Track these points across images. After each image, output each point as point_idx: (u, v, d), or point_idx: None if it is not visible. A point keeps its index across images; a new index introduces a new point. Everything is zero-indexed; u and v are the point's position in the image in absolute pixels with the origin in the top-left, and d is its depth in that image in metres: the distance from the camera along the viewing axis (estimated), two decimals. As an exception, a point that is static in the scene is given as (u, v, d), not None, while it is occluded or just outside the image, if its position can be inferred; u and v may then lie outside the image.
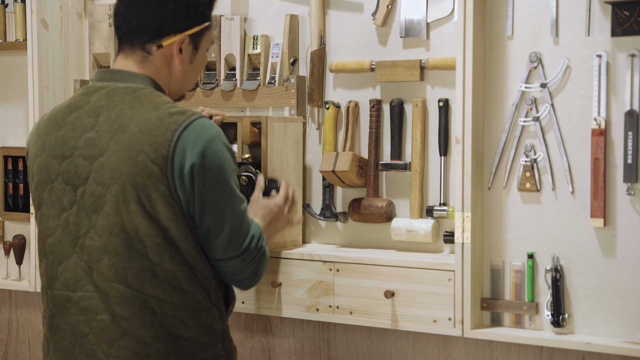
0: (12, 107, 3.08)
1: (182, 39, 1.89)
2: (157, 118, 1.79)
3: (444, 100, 2.40)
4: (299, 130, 2.57)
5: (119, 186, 1.78)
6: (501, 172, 2.30)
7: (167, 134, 1.78)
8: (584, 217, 2.20)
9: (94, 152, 1.81)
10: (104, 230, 1.81)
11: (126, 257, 1.80)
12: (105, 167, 1.80)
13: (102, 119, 1.82)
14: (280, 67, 2.61)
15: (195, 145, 1.79)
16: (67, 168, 1.84)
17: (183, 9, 1.88)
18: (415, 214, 2.43)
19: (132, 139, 1.78)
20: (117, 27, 1.91)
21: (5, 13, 3.01)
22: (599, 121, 2.16)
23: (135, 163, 1.78)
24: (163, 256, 1.81)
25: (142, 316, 1.82)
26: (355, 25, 2.53)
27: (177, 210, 1.80)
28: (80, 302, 1.84)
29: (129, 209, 1.79)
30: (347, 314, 2.36)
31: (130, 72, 1.89)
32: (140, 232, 1.79)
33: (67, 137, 1.85)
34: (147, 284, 1.81)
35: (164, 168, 1.78)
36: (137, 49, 1.89)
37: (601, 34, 2.17)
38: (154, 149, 1.77)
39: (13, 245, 2.98)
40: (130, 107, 1.82)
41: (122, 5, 1.89)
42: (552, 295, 2.21)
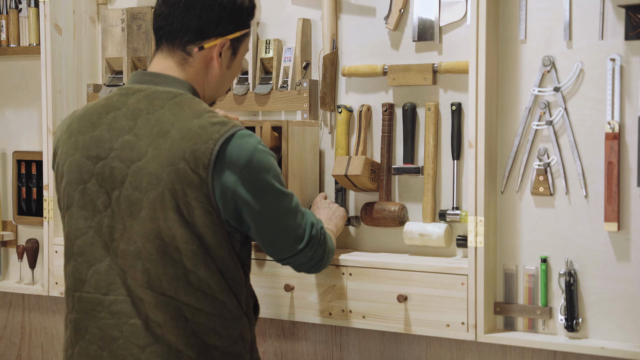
0: (25, 111, 3.09)
1: (223, 42, 1.90)
2: (199, 126, 1.78)
3: (457, 104, 2.40)
4: (315, 134, 2.58)
5: (158, 192, 1.77)
6: (514, 176, 2.30)
7: (209, 143, 1.77)
8: (598, 221, 2.19)
9: (131, 155, 1.80)
10: (139, 235, 1.79)
11: (161, 264, 1.79)
12: (143, 172, 1.78)
13: (140, 122, 1.81)
14: (292, 71, 2.61)
15: (239, 159, 1.79)
16: (102, 170, 1.82)
17: (227, 13, 1.89)
18: (428, 218, 2.42)
19: (173, 145, 1.77)
20: (159, 27, 1.90)
21: (18, 18, 3.02)
22: (612, 125, 2.15)
23: (176, 170, 1.76)
24: (198, 264, 1.80)
25: (174, 323, 1.80)
26: (367, 29, 2.54)
27: (215, 218, 1.80)
28: (111, 306, 1.82)
29: (166, 216, 1.77)
30: (360, 318, 2.36)
31: (170, 76, 1.88)
32: (176, 239, 1.78)
33: (103, 138, 1.83)
34: (181, 291, 1.80)
35: (205, 177, 1.77)
36: (178, 49, 1.89)
37: (615, 38, 2.17)
38: (196, 157, 1.77)
39: (26, 249, 2.99)
40: (172, 113, 1.81)
41: (166, 5, 1.89)
42: (565, 299, 2.21)
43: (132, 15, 2.82)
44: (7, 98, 3.13)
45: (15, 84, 3.11)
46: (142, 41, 2.81)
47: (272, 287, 2.45)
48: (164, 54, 1.90)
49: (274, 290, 2.45)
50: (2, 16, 3.02)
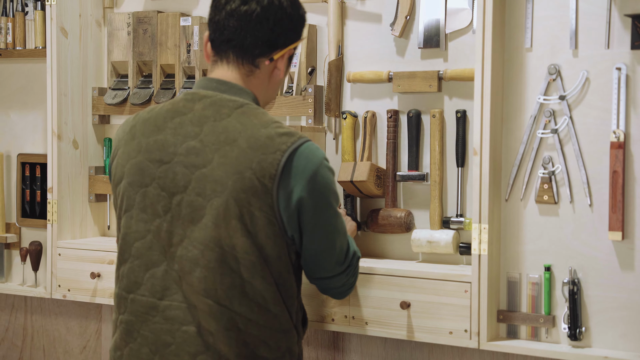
0: (30, 114, 3.09)
1: (289, 52, 1.95)
2: (267, 136, 1.79)
3: (462, 111, 2.40)
4: (321, 140, 2.58)
5: (222, 200, 1.77)
6: (519, 184, 2.30)
7: (277, 154, 1.78)
8: (602, 230, 2.19)
9: (196, 161, 1.79)
10: (199, 242, 1.79)
11: (218, 272, 1.79)
12: (207, 179, 1.78)
13: (206, 128, 1.81)
14: (297, 76, 2.62)
15: (305, 170, 1.81)
16: (165, 174, 1.82)
17: (294, 24, 1.93)
18: (435, 224, 2.42)
19: (240, 154, 1.78)
20: (227, 39, 1.89)
21: (25, 21, 3.03)
22: (618, 134, 2.15)
23: (242, 179, 1.77)
24: (255, 275, 1.80)
25: (227, 333, 1.80)
26: (373, 36, 2.54)
27: (277, 229, 1.81)
28: (166, 311, 1.82)
29: (228, 224, 1.77)
30: (362, 324, 2.36)
31: (236, 84, 1.89)
32: (236, 248, 1.78)
33: (167, 142, 1.83)
34: (236, 301, 1.80)
35: (270, 187, 1.78)
36: (247, 62, 1.90)
37: (621, 47, 2.17)
38: (262, 167, 1.77)
39: (29, 251, 2.99)
40: (239, 122, 1.81)
41: (233, 18, 1.87)
42: (569, 308, 2.20)
43: (138, 19, 2.82)
44: (13, 100, 3.13)
45: (20, 86, 3.11)
46: (148, 45, 2.81)
47: (275, 292, 2.45)
48: (230, 65, 1.91)
49: (277, 295, 2.45)
50: (9, 19, 3.02)
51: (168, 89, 2.80)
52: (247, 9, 1.87)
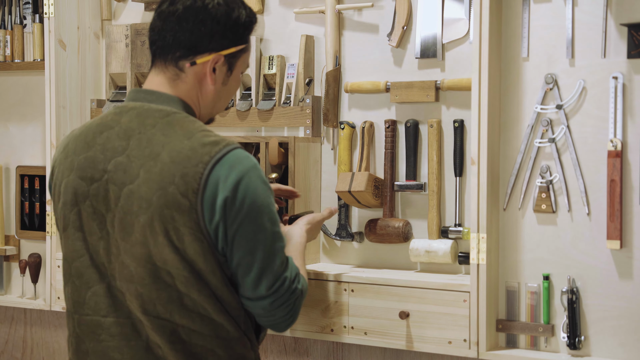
0: (29, 126, 3.10)
1: (216, 58, 1.83)
2: (190, 148, 1.72)
3: (459, 121, 2.40)
4: (317, 150, 2.59)
5: (148, 217, 1.72)
6: (517, 193, 2.30)
7: (199, 166, 1.71)
8: (600, 239, 2.19)
9: (124, 178, 1.75)
10: (131, 259, 1.76)
11: (154, 288, 1.76)
12: (134, 196, 1.74)
13: (133, 142, 1.76)
14: (295, 87, 2.62)
15: (228, 177, 1.71)
16: (97, 192, 1.78)
17: (221, 28, 1.82)
18: (433, 234, 2.42)
19: (164, 168, 1.72)
20: (152, 41, 1.85)
21: (23, 33, 3.04)
22: (615, 143, 2.16)
23: (165, 195, 1.71)
24: (191, 288, 1.76)
25: (172, 345, 1.77)
26: (370, 46, 2.54)
27: (206, 245, 1.74)
28: (111, 328, 1.79)
29: (156, 240, 1.73)
30: (361, 334, 2.35)
31: (164, 93, 1.83)
32: (168, 264, 1.74)
33: (97, 159, 1.79)
34: (176, 314, 1.77)
35: (194, 202, 1.71)
36: (170, 65, 1.83)
37: (617, 56, 2.17)
38: (185, 181, 1.70)
39: (28, 263, 2.99)
40: (163, 134, 1.75)
41: (160, 19, 1.83)
42: (568, 317, 2.20)
43: (136, 31, 2.83)
44: (11, 113, 3.14)
45: (19, 98, 3.12)
46: (146, 57, 2.82)
47: (274, 303, 2.45)
48: (157, 70, 1.85)
49: (276, 306, 2.45)
50: (7, 32, 3.03)
51: (166, 101, 2.80)
52: (172, 9, 1.82)
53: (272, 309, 1.82)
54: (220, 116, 2.71)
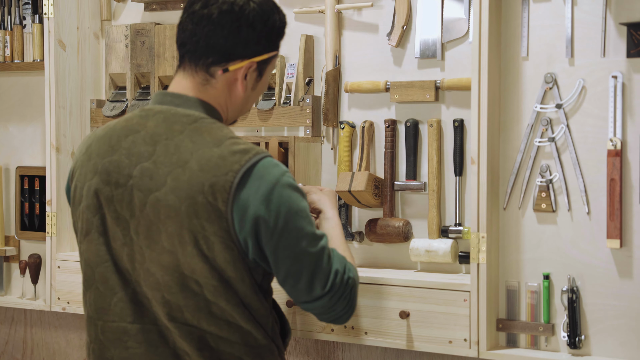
0: (29, 126, 3.10)
1: (249, 65, 1.80)
2: (219, 156, 1.70)
3: (459, 120, 2.40)
4: (317, 150, 2.59)
5: (176, 226, 1.70)
6: (516, 193, 2.30)
7: (229, 175, 1.68)
8: (600, 238, 2.19)
9: (150, 184, 1.72)
10: (158, 267, 1.73)
11: (182, 296, 1.73)
12: (161, 203, 1.71)
13: (159, 148, 1.73)
14: (295, 87, 2.62)
15: (259, 189, 1.69)
16: (122, 197, 1.75)
17: (256, 35, 1.78)
18: (433, 234, 2.42)
19: (192, 177, 1.69)
20: (182, 43, 1.80)
21: (23, 34, 3.04)
22: (614, 142, 2.16)
23: (195, 204, 1.68)
24: (219, 297, 1.74)
25: (200, 352, 1.75)
26: (370, 46, 2.55)
27: (236, 253, 1.72)
28: (138, 335, 1.77)
29: (185, 250, 1.71)
30: (362, 334, 2.36)
31: (191, 97, 1.79)
32: (196, 273, 1.72)
33: (122, 164, 1.75)
34: (204, 322, 1.75)
35: (224, 211, 1.69)
36: (201, 70, 1.79)
37: (617, 55, 2.18)
38: (214, 190, 1.68)
39: (28, 264, 2.99)
40: (191, 140, 1.72)
41: (192, 22, 1.78)
42: (568, 316, 2.20)
43: (135, 32, 2.83)
44: (11, 113, 3.14)
45: (19, 99, 3.12)
46: (146, 57, 2.82)
47: (275, 303, 2.45)
48: (186, 73, 1.81)
49: (276, 306, 2.45)
50: (7, 32, 3.03)
51: (166, 101, 2.80)
52: (205, 12, 1.76)
53: (331, 305, 1.81)
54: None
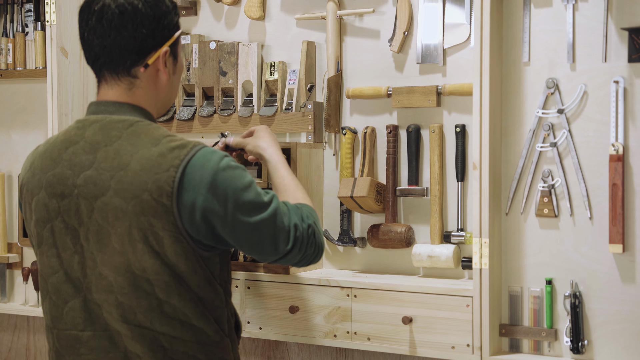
0: (31, 133, 3.10)
1: (165, 51, 1.86)
2: (159, 154, 1.75)
3: (461, 125, 2.40)
4: (319, 156, 2.59)
5: (125, 226, 1.75)
6: (519, 198, 2.30)
7: (171, 171, 1.74)
8: (603, 243, 2.19)
9: (94, 191, 1.77)
10: (109, 269, 1.78)
11: (134, 297, 1.77)
12: (108, 207, 1.76)
13: (100, 155, 1.78)
14: (297, 93, 2.63)
15: (202, 180, 1.75)
16: (68, 207, 1.80)
17: (158, 22, 1.84)
18: (436, 239, 2.42)
19: (135, 177, 1.74)
20: (95, 58, 1.85)
21: (25, 41, 3.04)
22: (616, 147, 2.16)
23: (140, 202, 1.74)
24: (171, 294, 1.78)
25: (153, 354, 1.79)
26: (371, 52, 2.55)
27: (186, 245, 1.77)
28: (89, 342, 1.81)
29: (135, 248, 1.75)
30: (364, 340, 2.35)
31: (123, 103, 1.84)
32: (147, 271, 1.76)
33: (65, 175, 1.80)
34: (156, 322, 1.78)
35: (170, 205, 1.74)
36: (124, 76, 1.84)
37: (618, 60, 2.18)
38: (158, 186, 1.73)
39: (31, 271, 2.99)
40: (129, 143, 1.78)
41: (96, 35, 1.82)
42: (571, 321, 2.20)
43: (137, 38, 2.83)
44: (14, 120, 3.14)
45: (21, 106, 3.12)
46: (148, 64, 2.82)
47: (277, 308, 2.45)
48: (110, 84, 1.85)
49: (279, 312, 2.45)
50: (9, 39, 3.04)
51: (168, 107, 2.81)
52: (104, 22, 1.81)
53: (300, 254, 1.87)
54: (222, 122, 2.71)
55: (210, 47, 2.74)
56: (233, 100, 2.73)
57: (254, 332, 2.50)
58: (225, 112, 2.72)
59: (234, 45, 2.70)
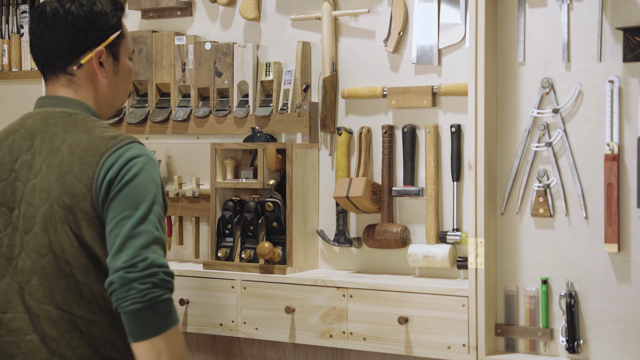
0: (26, 134, 3.10)
1: (98, 52, 1.90)
2: (89, 141, 1.81)
3: (456, 125, 2.41)
4: (315, 156, 2.59)
5: (48, 206, 1.80)
6: (514, 198, 2.30)
7: (96, 156, 1.79)
8: (598, 243, 2.19)
9: (28, 174, 1.84)
10: (33, 250, 1.82)
11: (54, 278, 1.81)
12: (36, 188, 1.82)
13: (37, 141, 1.85)
14: (292, 93, 2.63)
15: (117, 161, 1.78)
16: (4, 190, 1.86)
17: (91, 24, 1.89)
18: (431, 239, 2.43)
19: (63, 160, 1.81)
20: (36, 58, 1.93)
21: (20, 42, 3.04)
22: (611, 146, 2.16)
23: (64, 183, 1.79)
24: (89, 276, 1.81)
25: (69, 336, 1.82)
26: (367, 52, 2.55)
27: (101, 231, 1.80)
28: (10, 323, 1.84)
29: (55, 228, 1.80)
30: (360, 340, 2.36)
31: (67, 97, 1.91)
32: (66, 252, 1.80)
33: (4, 160, 1.87)
34: (74, 305, 1.81)
35: (89, 187, 1.78)
36: (60, 74, 1.90)
37: (613, 60, 2.18)
38: (82, 169, 1.79)
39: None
40: (64, 130, 1.84)
41: (34, 36, 1.91)
42: (566, 321, 2.20)
43: (133, 39, 2.83)
44: (9, 122, 3.13)
45: (17, 107, 3.12)
46: (143, 65, 2.82)
47: (273, 309, 2.45)
48: (51, 81, 1.92)
49: (275, 312, 2.45)
50: (4, 41, 3.04)
51: (163, 108, 2.81)
52: (42, 24, 1.89)
53: (130, 288, 1.75)
54: (217, 123, 2.71)
55: (206, 48, 2.74)
56: (229, 100, 2.73)
57: (250, 332, 2.50)
58: (220, 113, 2.72)
59: (230, 46, 2.70)
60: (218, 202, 2.64)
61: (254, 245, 2.59)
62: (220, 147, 2.63)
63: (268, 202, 2.53)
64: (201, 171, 2.78)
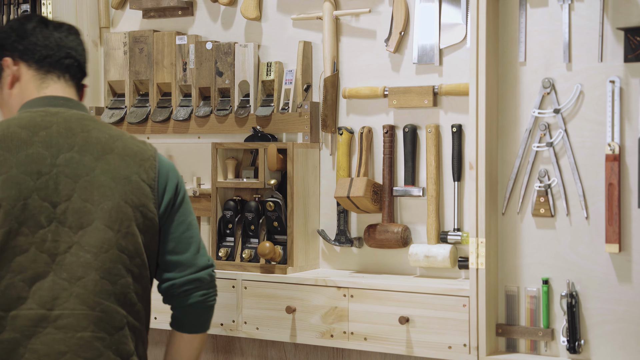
0: (28, 134, 3.10)
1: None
2: (133, 143, 1.91)
3: (457, 125, 2.41)
4: (316, 156, 2.59)
5: (113, 203, 1.84)
6: (515, 198, 2.30)
7: (150, 159, 1.90)
8: (599, 243, 2.19)
9: (77, 170, 1.85)
10: (92, 245, 1.83)
11: (114, 273, 1.84)
12: (93, 185, 1.84)
13: (79, 140, 1.88)
14: (293, 93, 2.63)
15: (169, 171, 1.94)
16: (46, 184, 1.84)
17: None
18: (432, 239, 2.43)
19: (122, 162, 1.87)
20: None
21: (21, 41, 3.04)
22: (612, 146, 2.16)
23: (129, 182, 1.86)
24: (142, 274, 1.88)
25: (120, 333, 1.84)
26: (368, 52, 2.55)
27: (157, 229, 1.90)
28: (57, 320, 1.82)
29: (121, 225, 1.84)
30: (361, 340, 2.36)
31: (74, 100, 1.98)
32: (129, 248, 1.85)
33: (42, 155, 1.86)
34: (127, 302, 1.85)
35: (154, 188, 1.88)
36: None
37: (614, 60, 2.18)
38: (144, 170, 1.88)
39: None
40: (103, 132, 1.91)
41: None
42: (567, 321, 2.20)
43: (134, 39, 2.83)
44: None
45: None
46: (144, 64, 2.82)
47: (274, 308, 2.46)
48: (54, 82, 1.99)
49: (276, 312, 2.45)
50: (5, 40, 3.04)
51: (165, 107, 2.81)
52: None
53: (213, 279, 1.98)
54: (218, 122, 2.71)
55: (207, 48, 2.74)
56: (230, 100, 2.73)
57: (251, 332, 2.50)
58: (221, 113, 2.72)
59: (231, 46, 2.70)
60: (219, 201, 2.64)
61: (254, 245, 2.59)
62: (221, 146, 2.63)
63: (269, 201, 2.53)
64: (202, 171, 2.78)
